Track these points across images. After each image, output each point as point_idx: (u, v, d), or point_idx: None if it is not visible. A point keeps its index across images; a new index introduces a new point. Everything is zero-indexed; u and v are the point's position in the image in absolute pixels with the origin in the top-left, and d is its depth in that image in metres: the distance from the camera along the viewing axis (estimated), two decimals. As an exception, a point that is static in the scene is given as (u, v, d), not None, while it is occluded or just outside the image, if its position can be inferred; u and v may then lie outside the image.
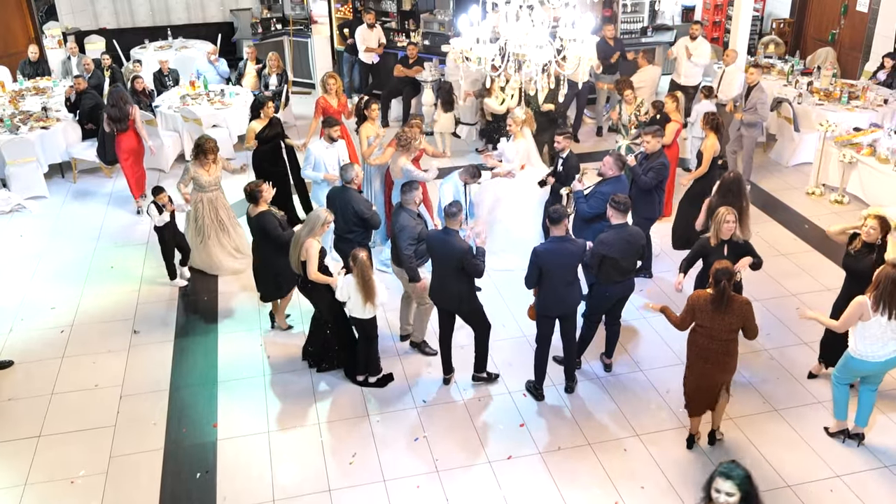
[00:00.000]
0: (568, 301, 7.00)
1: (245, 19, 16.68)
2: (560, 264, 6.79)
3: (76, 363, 7.94)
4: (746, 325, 6.13)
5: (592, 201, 8.08)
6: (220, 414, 7.21)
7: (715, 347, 6.17)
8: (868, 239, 6.80)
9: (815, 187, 11.23)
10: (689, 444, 6.74)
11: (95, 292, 9.15)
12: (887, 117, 11.64)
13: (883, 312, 6.03)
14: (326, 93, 10.61)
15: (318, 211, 7.34)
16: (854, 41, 14.70)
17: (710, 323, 6.12)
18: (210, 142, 8.98)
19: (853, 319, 6.15)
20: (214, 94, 12.96)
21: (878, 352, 6.18)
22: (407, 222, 7.33)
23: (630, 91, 10.65)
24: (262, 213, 7.82)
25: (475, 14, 6.63)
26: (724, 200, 7.61)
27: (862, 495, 6.20)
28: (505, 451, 6.74)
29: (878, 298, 6.01)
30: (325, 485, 6.41)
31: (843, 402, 6.61)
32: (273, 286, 8.18)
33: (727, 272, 6.01)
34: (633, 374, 7.65)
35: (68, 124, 12.16)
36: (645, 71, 12.38)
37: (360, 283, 6.87)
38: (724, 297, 6.02)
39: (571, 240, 6.97)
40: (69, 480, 6.51)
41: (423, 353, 7.94)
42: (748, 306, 6.12)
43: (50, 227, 10.77)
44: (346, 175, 8.01)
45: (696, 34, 12.99)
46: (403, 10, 15.16)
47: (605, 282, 7.17)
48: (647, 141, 8.65)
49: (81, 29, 16.57)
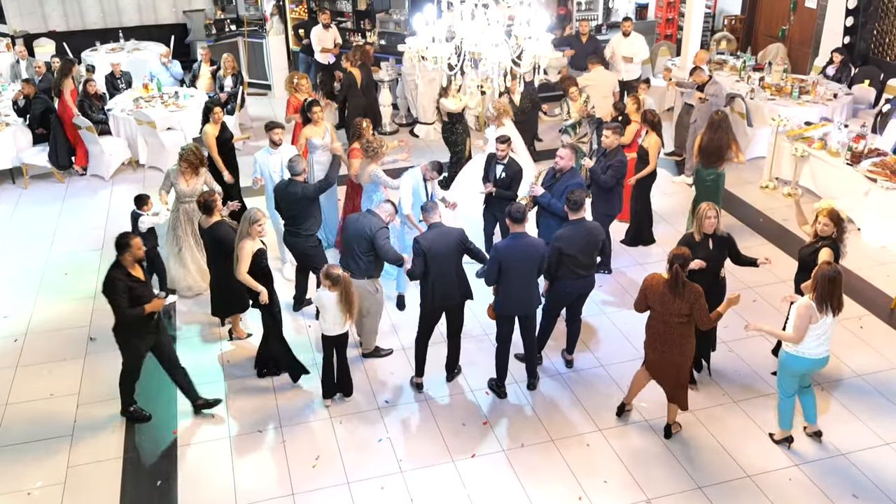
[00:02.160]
0: (527, 301, 7.02)
1: (198, 20, 16.50)
2: (520, 261, 6.81)
3: (31, 372, 7.79)
4: (694, 312, 6.22)
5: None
6: (180, 420, 7.13)
7: (667, 331, 6.33)
8: (823, 233, 6.92)
9: (768, 181, 11.41)
10: (619, 412, 7.06)
11: (49, 300, 8.98)
12: (837, 111, 11.87)
13: (827, 312, 6.08)
14: (297, 92, 10.62)
15: (247, 213, 7.09)
16: (804, 37, 14.96)
17: (661, 307, 6.29)
18: (190, 153, 8.54)
19: (805, 324, 6.12)
20: (168, 97, 12.78)
21: (813, 350, 6.23)
22: (376, 224, 7.27)
23: (575, 88, 10.60)
24: (216, 224, 7.62)
25: (431, 13, 6.63)
26: (715, 135, 9.05)
27: (820, 483, 6.32)
28: (469, 449, 6.74)
29: (821, 300, 6.05)
30: (288, 489, 6.36)
31: (789, 413, 6.63)
32: (227, 302, 7.97)
33: (680, 257, 6.20)
34: (594, 369, 7.71)
35: (18, 129, 11.93)
36: (596, 71, 12.29)
37: (345, 299, 6.74)
38: (676, 281, 6.17)
39: (531, 238, 6.99)
40: (26, 492, 6.38)
41: (381, 357, 7.90)
42: (699, 295, 6.22)
43: (1, 234, 10.54)
44: (294, 168, 7.97)
45: (629, 30, 13.24)
46: (359, 9, 15.12)
47: (564, 277, 7.21)
48: (607, 136, 8.67)
49: (30, 32, 16.24)
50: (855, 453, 6.61)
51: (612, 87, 12.11)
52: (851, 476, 6.39)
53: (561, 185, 8.09)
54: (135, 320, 6.56)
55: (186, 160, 8.54)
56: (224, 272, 7.51)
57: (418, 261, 6.88)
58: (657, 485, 6.35)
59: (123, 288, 6.47)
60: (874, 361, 7.72)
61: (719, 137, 9.08)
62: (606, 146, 8.72)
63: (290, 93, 10.98)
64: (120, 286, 6.46)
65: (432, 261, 6.89)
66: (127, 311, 6.50)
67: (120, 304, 6.48)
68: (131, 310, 6.50)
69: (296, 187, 7.96)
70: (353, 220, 7.36)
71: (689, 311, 6.22)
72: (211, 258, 7.90)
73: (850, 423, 6.96)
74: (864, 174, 9.97)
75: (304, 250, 8.20)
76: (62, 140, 11.81)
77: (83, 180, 12.03)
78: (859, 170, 10.07)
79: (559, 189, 8.04)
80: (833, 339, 6.36)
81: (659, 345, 6.45)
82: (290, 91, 10.99)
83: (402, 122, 14.21)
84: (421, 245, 6.88)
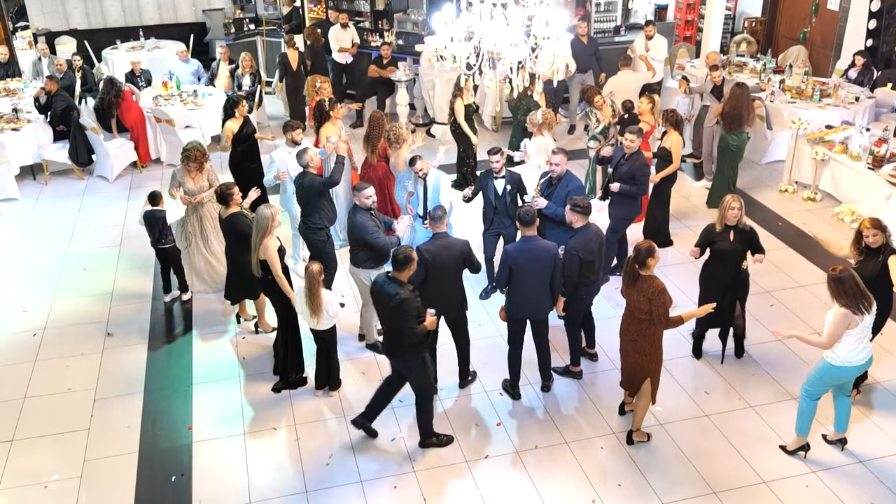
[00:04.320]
0: (539, 305, 6.97)
1: (217, 19, 16.60)
2: (531, 263, 6.77)
3: (49, 367, 7.85)
4: (652, 308, 6.15)
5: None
6: (195, 416, 7.16)
7: (629, 326, 6.40)
8: (875, 244, 6.71)
9: (787, 185, 11.33)
10: (621, 412, 7.13)
11: (68, 295, 9.05)
12: (859, 115, 11.76)
13: (863, 313, 5.93)
14: (318, 95, 10.73)
15: (261, 211, 7.11)
16: (825, 39, 14.84)
17: (626, 298, 6.37)
18: (195, 151, 8.58)
19: (840, 331, 5.96)
20: (187, 95, 12.86)
21: (856, 356, 6.08)
22: (364, 220, 7.31)
23: (599, 97, 10.41)
24: (233, 215, 7.74)
25: (449, 13, 6.62)
26: (737, 103, 10.01)
27: (837, 491, 6.25)
28: (482, 450, 6.73)
29: (854, 303, 5.88)
30: (301, 486, 6.37)
31: (810, 418, 6.49)
32: (242, 287, 8.11)
33: (641, 251, 6.18)
34: (608, 371, 7.67)
35: (39, 126, 12.03)
36: (619, 76, 12.13)
37: (307, 294, 6.81)
38: (632, 273, 6.23)
39: (542, 241, 6.95)
40: (42, 485, 6.43)
41: (380, 353, 7.86)
42: (657, 290, 6.14)
43: (21, 229, 10.63)
44: (299, 160, 8.12)
45: (652, 34, 13.20)
46: (377, 9, 15.14)
47: (579, 285, 7.14)
48: (631, 140, 8.46)
49: (52, 30, 16.40)
50: (873, 461, 6.54)
51: (636, 89, 12.03)
52: (869, 484, 6.32)
53: (560, 190, 7.97)
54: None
55: (194, 159, 8.55)
56: (240, 260, 7.67)
57: (419, 269, 6.69)
58: (672, 489, 6.31)
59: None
60: (894, 369, 7.64)
61: (739, 104, 10.02)
62: (627, 151, 8.56)
63: (311, 96, 11.00)
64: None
65: (433, 271, 6.80)
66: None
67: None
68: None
69: (303, 178, 8.13)
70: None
71: (648, 306, 6.16)
72: (228, 246, 8.07)
73: (870, 430, 6.89)
74: (885, 178, 9.87)
75: (312, 243, 8.32)
76: (82, 137, 11.90)
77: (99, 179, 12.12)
78: (881, 174, 9.97)
79: (558, 195, 7.93)
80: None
81: (624, 338, 6.50)
82: (311, 94, 11.02)
83: (419, 122, 14.22)
84: (424, 255, 6.73)
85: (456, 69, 6.82)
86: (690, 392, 7.34)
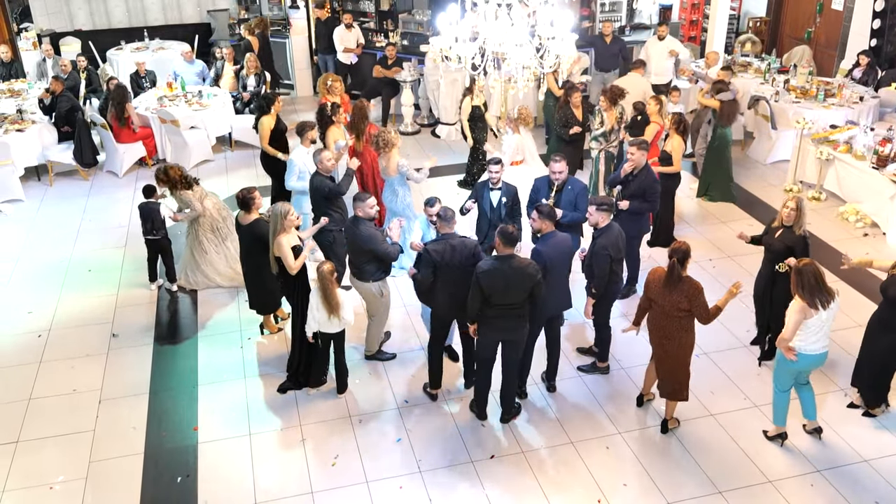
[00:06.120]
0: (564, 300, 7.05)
1: (222, 20, 16.60)
2: (558, 259, 6.77)
3: (54, 368, 7.86)
4: (692, 307, 6.24)
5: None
6: (201, 417, 7.16)
7: (668, 324, 6.37)
8: None
9: (792, 184, 11.31)
10: (639, 402, 7.19)
11: (73, 296, 9.06)
12: (863, 114, 11.75)
13: (818, 308, 6.05)
14: (329, 94, 10.73)
15: (275, 208, 7.12)
16: (830, 39, 14.82)
17: (661, 300, 6.33)
18: (161, 173, 8.59)
19: (797, 322, 6.10)
20: (192, 96, 12.87)
21: (810, 346, 6.21)
22: (370, 231, 7.15)
23: (603, 98, 10.32)
24: (255, 221, 7.62)
25: (454, 13, 6.63)
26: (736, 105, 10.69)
27: (843, 490, 6.25)
28: (488, 450, 6.73)
29: (810, 297, 6.01)
30: (307, 487, 6.37)
31: (784, 409, 6.63)
32: (260, 300, 8.07)
33: (679, 251, 6.23)
34: (615, 372, 7.66)
35: (44, 127, 12.05)
36: (628, 77, 12.00)
37: (322, 295, 6.78)
38: (672, 274, 6.23)
39: (561, 234, 6.91)
40: (48, 486, 6.43)
41: (383, 360, 7.85)
42: (696, 290, 6.23)
43: (26, 230, 10.65)
44: (314, 160, 8.26)
45: (664, 35, 13.18)
46: (381, 10, 15.14)
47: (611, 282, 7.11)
48: (632, 154, 8.20)
49: (56, 30, 16.41)
50: (878, 460, 6.53)
51: (645, 92, 11.96)
52: (874, 483, 6.32)
53: (566, 196, 7.85)
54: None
55: (166, 181, 8.55)
56: (259, 266, 7.61)
57: (427, 271, 6.67)
58: (677, 489, 6.31)
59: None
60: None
61: (737, 104, 10.74)
62: (633, 164, 8.21)
63: (322, 94, 11.00)
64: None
65: (442, 272, 6.71)
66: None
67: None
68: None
69: (313, 179, 8.19)
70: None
71: (687, 305, 6.23)
72: (246, 253, 7.88)
73: (874, 429, 6.88)
74: (889, 178, 9.85)
75: (321, 242, 8.36)
76: (87, 138, 11.91)
77: (106, 178, 12.14)
78: (885, 174, 9.95)
79: (567, 200, 7.83)
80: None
81: (660, 337, 6.49)
82: (323, 93, 11.01)
83: (424, 122, 14.22)
84: (432, 256, 6.64)
85: (461, 69, 6.80)
86: (695, 391, 7.32)
